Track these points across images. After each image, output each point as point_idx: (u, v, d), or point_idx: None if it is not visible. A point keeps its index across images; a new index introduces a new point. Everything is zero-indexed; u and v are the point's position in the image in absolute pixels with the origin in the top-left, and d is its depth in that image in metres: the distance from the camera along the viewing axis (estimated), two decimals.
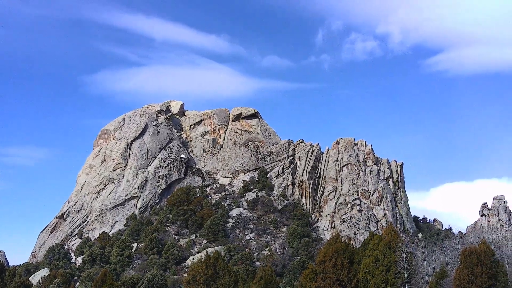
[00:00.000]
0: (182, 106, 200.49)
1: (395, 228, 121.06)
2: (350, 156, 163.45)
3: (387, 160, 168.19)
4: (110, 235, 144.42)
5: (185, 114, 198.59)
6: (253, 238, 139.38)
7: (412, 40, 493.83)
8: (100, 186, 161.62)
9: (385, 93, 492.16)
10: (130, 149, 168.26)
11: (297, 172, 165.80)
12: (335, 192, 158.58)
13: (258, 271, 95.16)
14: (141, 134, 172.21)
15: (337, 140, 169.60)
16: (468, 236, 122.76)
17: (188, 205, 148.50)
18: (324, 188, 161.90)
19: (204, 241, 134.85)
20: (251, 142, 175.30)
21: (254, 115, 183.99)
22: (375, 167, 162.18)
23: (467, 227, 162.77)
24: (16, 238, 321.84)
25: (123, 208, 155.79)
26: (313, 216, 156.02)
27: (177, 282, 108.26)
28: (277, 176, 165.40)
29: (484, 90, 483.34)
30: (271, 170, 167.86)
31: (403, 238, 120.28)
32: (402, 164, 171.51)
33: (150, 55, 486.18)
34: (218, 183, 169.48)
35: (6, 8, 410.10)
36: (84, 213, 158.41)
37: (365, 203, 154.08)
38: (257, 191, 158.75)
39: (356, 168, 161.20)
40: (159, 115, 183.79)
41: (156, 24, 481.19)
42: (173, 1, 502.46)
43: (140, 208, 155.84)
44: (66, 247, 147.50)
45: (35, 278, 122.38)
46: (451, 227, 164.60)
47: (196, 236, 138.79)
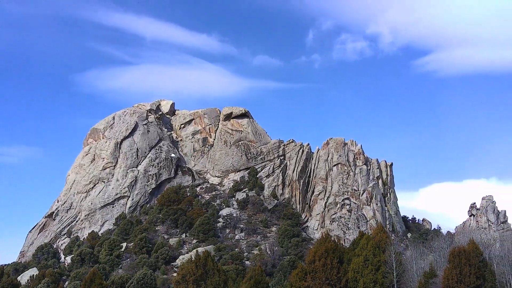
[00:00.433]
0: (173, 106, 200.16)
1: (385, 228, 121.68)
2: (340, 156, 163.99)
3: (377, 160, 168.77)
4: (100, 235, 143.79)
5: (176, 114, 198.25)
6: (243, 238, 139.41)
7: (402, 41, 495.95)
8: (90, 185, 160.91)
9: (375, 93, 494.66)
10: (120, 148, 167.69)
11: (287, 172, 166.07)
12: (325, 192, 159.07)
13: (248, 271, 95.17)
14: (131, 133, 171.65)
15: (327, 140, 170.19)
16: (457, 236, 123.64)
17: (178, 205, 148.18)
18: (314, 188, 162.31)
19: (194, 241, 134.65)
20: (242, 142, 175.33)
21: (245, 115, 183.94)
22: (365, 167, 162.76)
23: (456, 227, 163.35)
24: (5, 237, 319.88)
25: (113, 208, 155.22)
26: (303, 216, 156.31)
27: (167, 282, 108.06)
28: (267, 176, 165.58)
29: (474, 91, 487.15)
30: (262, 170, 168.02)
31: (392, 238, 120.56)
32: (392, 164, 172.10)
33: (141, 54, 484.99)
34: (208, 183, 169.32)
35: None
36: (73, 213, 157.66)
37: (355, 203, 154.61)
38: (247, 191, 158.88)
39: (346, 168, 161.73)
40: (149, 114, 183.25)
41: (147, 23, 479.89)
42: (164, 0, 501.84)
43: (130, 208, 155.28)
44: (55, 247, 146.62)
45: (24, 278, 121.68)
46: (440, 227, 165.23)
47: (186, 236, 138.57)
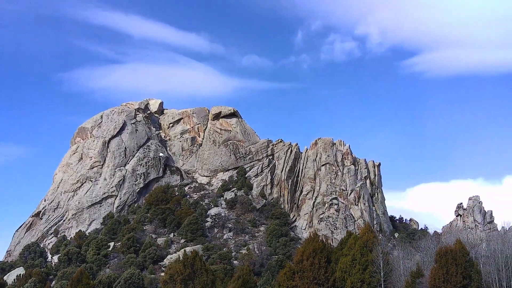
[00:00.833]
0: (161, 105, 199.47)
1: (372, 228, 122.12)
2: (328, 156, 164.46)
3: (365, 160, 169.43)
4: (87, 234, 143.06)
5: (164, 113, 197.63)
6: (231, 237, 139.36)
7: (390, 42, 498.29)
8: (77, 185, 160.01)
9: (363, 94, 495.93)
10: (108, 147, 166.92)
11: (276, 172, 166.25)
12: (313, 192, 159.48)
13: (236, 270, 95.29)
14: (119, 132, 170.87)
15: (316, 140, 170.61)
16: (444, 236, 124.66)
17: (166, 204, 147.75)
18: (303, 188, 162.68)
19: (182, 240, 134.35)
20: (230, 141, 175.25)
21: (234, 114, 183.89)
22: (353, 167, 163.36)
23: (443, 227, 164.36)
24: None
25: (100, 207, 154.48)
26: (291, 216, 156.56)
27: (154, 282, 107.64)
28: (256, 176, 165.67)
29: (461, 92, 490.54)
30: (250, 170, 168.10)
31: (380, 238, 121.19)
32: (379, 164, 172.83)
33: (129, 53, 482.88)
34: (197, 182, 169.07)
35: None
36: (61, 212, 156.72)
37: (343, 203, 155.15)
38: (236, 190, 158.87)
39: (334, 168, 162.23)
40: (138, 113, 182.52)
41: (135, 22, 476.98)
42: None
43: (118, 207, 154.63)
44: (42, 246, 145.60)
45: (10, 277, 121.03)
46: (427, 227, 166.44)
47: (174, 235, 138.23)
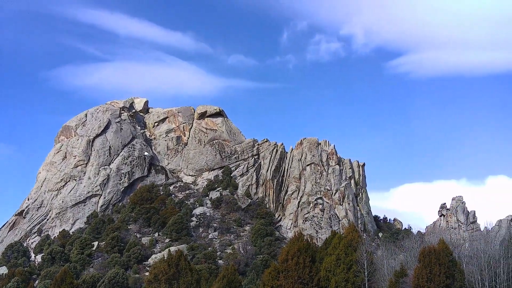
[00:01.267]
0: (146, 103, 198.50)
1: (356, 228, 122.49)
2: (314, 156, 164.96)
3: (349, 160, 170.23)
4: (71, 233, 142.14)
5: (149, 111, 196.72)
6: (217, 237, 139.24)
7: (376, 42, 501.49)
8: (61, 183, 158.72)
9: (348, 94, 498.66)
10: (92, 146, 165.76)
11: (261, 171, 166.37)
12: (298, 191, 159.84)
13: (221, 270, 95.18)
14: (104, 131, 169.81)
15: (301, 140, 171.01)
16: (427, 236, 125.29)
17: (151, 204, 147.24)
18: (288, 187, 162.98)
19: (167, 240, 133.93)
20: (216, 141, 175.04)
21: (219, 114, 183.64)
22: (338, 167, 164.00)
23: (426, 227, 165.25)
24: None
25: (84, 206, 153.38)
26: (277, 215, 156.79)
27: (139, 281, 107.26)
28: (241, 175, 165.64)
29: (445, 93, 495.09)
30: (236, 169, 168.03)
31: (364, 237, 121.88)
32: (364, 165, 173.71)
33: (114, 51, 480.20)
34: (182, 182, 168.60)
35: None
36: (44, 211, 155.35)
37: (327, 203, 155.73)
38: (221, 190, 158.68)
39: (319, 168, 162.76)
40: (123, 112, 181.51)
41: (121, 20, 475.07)
42: None
43: (102, 206, 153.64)
44: (25, 245, 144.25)
45: None
46: (411, 227, 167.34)
47: (159, 235, 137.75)
